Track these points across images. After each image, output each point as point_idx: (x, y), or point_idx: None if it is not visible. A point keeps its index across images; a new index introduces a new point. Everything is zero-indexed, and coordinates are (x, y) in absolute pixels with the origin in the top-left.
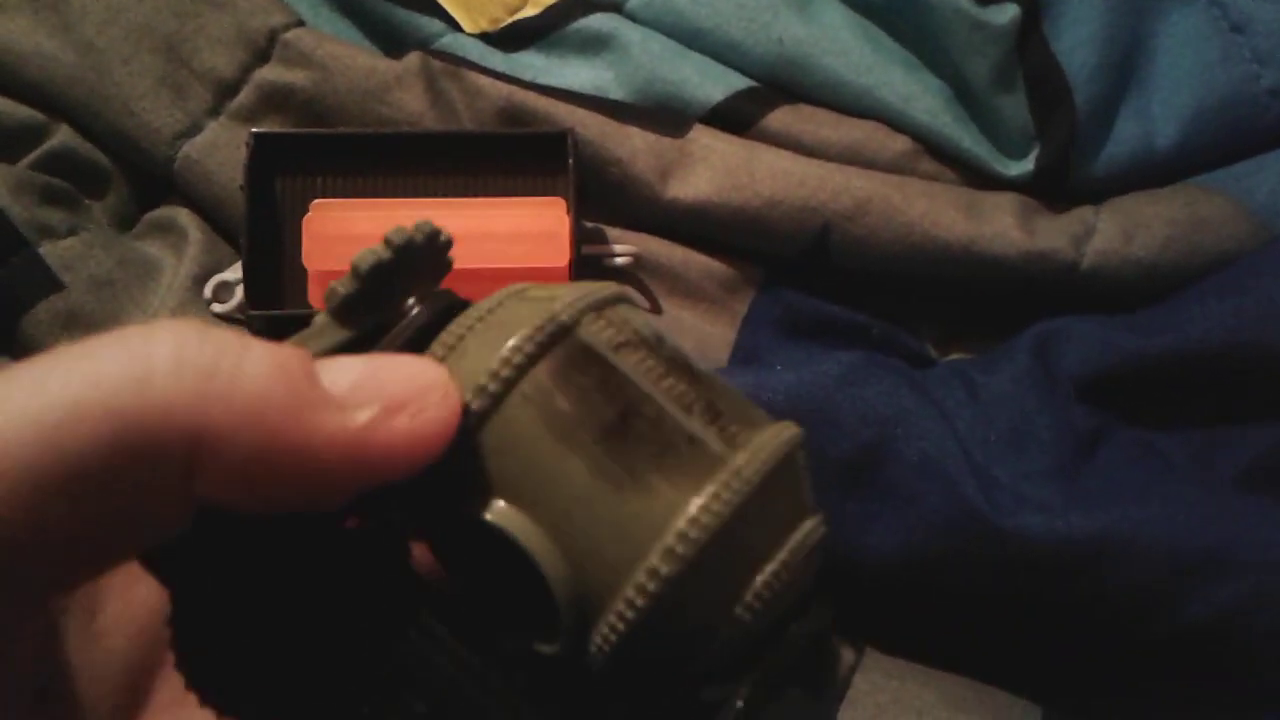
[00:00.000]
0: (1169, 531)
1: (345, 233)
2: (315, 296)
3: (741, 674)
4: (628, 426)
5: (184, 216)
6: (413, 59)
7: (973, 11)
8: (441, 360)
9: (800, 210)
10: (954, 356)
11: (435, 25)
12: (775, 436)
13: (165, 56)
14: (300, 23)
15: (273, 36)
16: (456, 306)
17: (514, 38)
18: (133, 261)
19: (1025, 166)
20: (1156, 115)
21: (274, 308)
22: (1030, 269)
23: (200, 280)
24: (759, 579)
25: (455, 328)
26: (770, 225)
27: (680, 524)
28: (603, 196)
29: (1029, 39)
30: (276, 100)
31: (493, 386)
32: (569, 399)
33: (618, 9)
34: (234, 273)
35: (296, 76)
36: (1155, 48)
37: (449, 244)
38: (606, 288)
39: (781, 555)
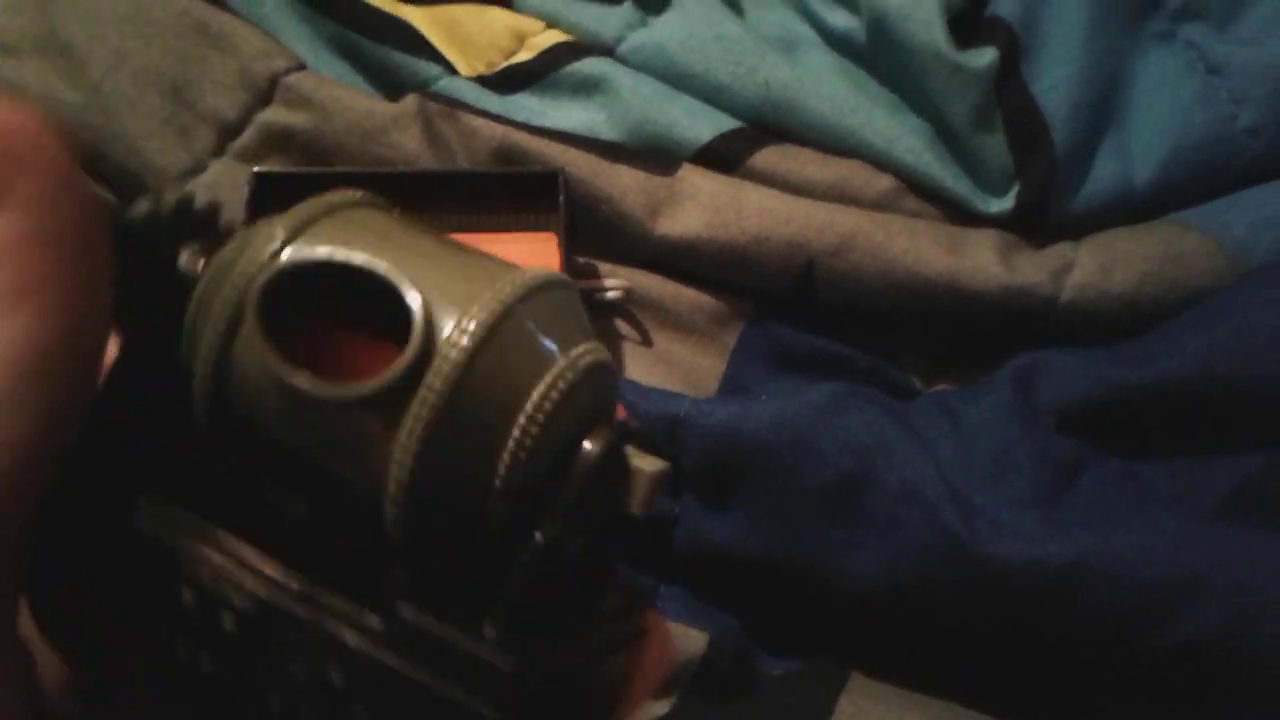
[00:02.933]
0: (1147, 558)
1: None
2: None
3: (533, 506)
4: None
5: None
6: (410, 101)
7: (952, 56)
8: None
9: (786, 246)
10: (939, 388)
11: (432, 69)
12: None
13: (171, 99)
14: (301, 66)
15: (274, 80)
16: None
17: (509, 81)
18: None
19: (1006, 204)
20: (1135, 154)
21: None
22: (1011, 303)
23: None
24: (547, 379)
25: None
26: (757, 261)
27: (514, 276)
28: (594, 233)
29: (1008, 81)
30: (278, 141)
31: (304, 212)
32: (396, 216)
33: (609, 53)
34: None
35: (297, 118)
36: (1133, 88)
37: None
38: (322, 202)
39: (574, 355)
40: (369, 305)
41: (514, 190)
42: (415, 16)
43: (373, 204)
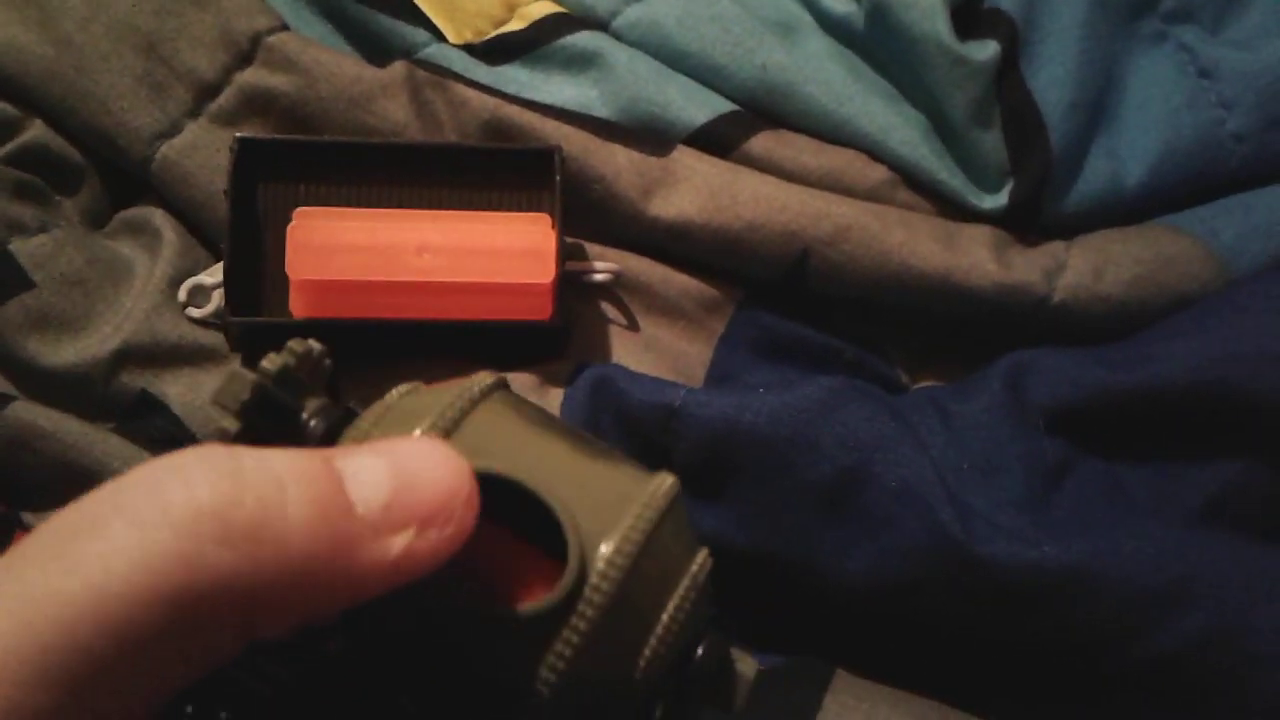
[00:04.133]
0: (1136, 564)
1: (329, 242)
2: (297, 305)
3: (663, 694)
4: (579, 435)
5: (158, 217)
6: (398, 68)
7: (954, 47)
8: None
9: (781, 234)
10: (924, 383)
11: (419, 34)
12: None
13: (145, 55)
14: (284, 26)
15: (256, 39)
16: (350, 416)
17: (498, 51)
18: (104, 261)
19: (999, 200)
20: (1125, 155)
21: (253, 314)
22: (1003, 301)
23: (175, 282)
24: (679, 592)
25: (360, 424)
26: (751, 248)
27: (648, 494)
28: (584, 213)
29: (1007, 76)
30: (258, 104)
31: (450, 414)
32: (525, 413)
33: (603, 28)
34: (210, 276)
35: (279, 81)
36: (1126, 89)
37: (326, 354)
38: (469, 391)
39: (693, 570)
40: (500, 500)
41: (507, 166)
42: None
43: (500, 387)
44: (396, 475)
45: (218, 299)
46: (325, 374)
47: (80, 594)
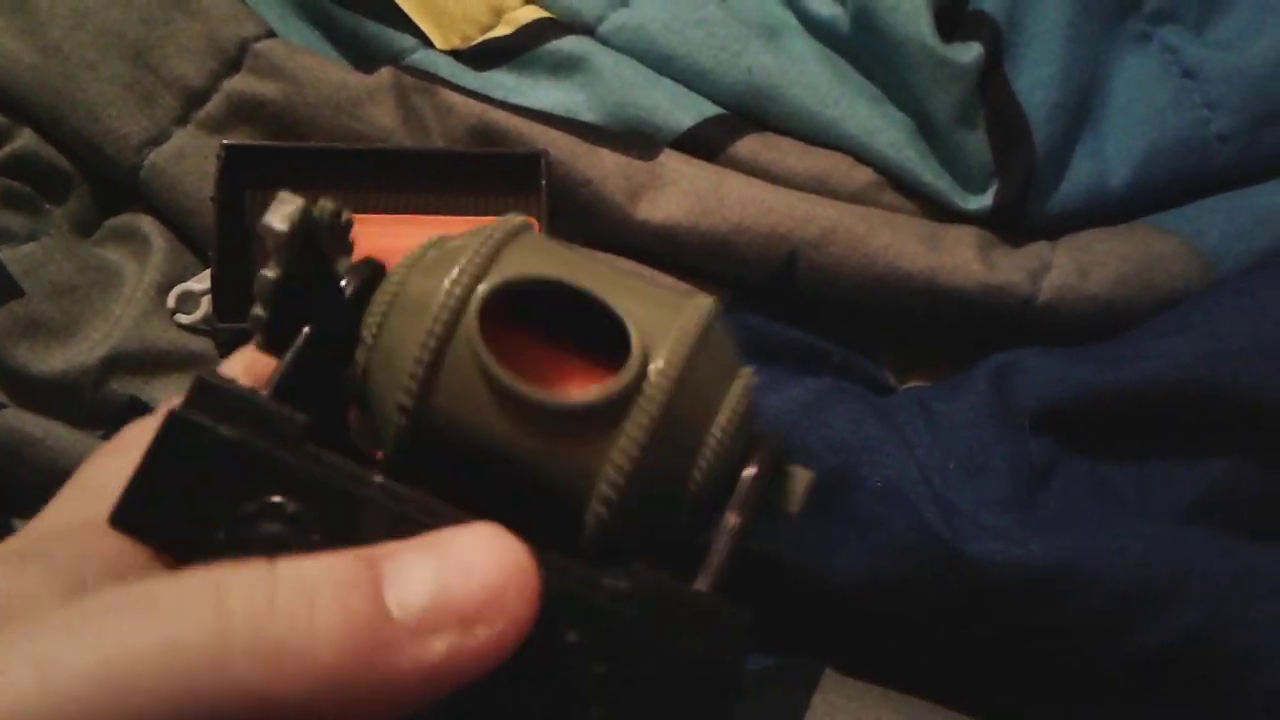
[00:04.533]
0: (1123, 561)
1: None
2: None
3: (717, 508)
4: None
5: (147, 224)
6: (385, 74)
7: (938, 49)
8: (374, 338)
9: (768, 237)
10: (912, 384)
11: (406, 40)
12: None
13: (133, 63)
14: (271, 33)
15: (244, 46)
16: (381, 272)
17: (485, 56)
18: (94, 268)
19: (984, 201)
20: (1110, 155)
21: (242, 320)
22: (989, 301)
23: (163, 289)
24: (729, 403)
25: (391, 278)
26: (738, 250)
27: (692, 306)
28: (573, 216)
29: (991, 77)
30: (246, 111)
31: (485, 249)
32: (559, 244)
33: (589, 32)
34: (198, 283)
35: (267, 88)
36: (1110, 90)
37: (352, 222)
38: (501, 228)
39: (740, 384)
40: (548, 322)
41: (493, 171)
42: None
43: (529, 227)
44: (442, 571)
45: (206, 305)
46: (349, 245)
47: (102, 675)
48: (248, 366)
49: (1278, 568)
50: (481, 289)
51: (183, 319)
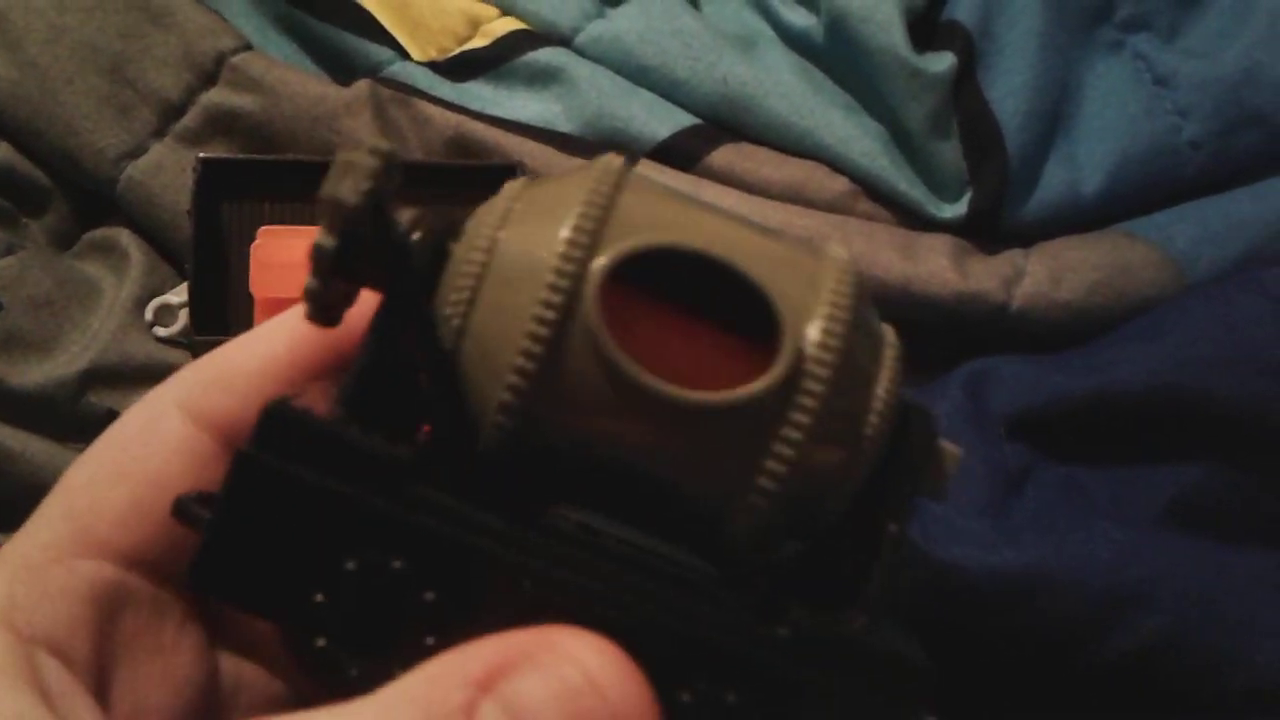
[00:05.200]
0: (1096, 567)
1: (293, 260)
2: (261, 322)
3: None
4: (734, 213)
5: (125, 237)
6: (362, 86)
7: (911, 59)
8: (468, 308)
9: None
10: None
11: (384, 53)
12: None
13: (110, 77)
14: (248, 46)
15: (220, 59)
16: (451, 225)
17: (462, 68)
18: (72, 282)
19: (959, 209)
20: (1083, 163)
21: (219, 333)
22: (963, 309)
23: (142, 302)
24: (886, 366)
25: (480, 230)
26: None
27: (837, 267)
28: None
29: (964, 87)
30: (223, 123)
31: (599, 200)
32: (673, 192)
33: (566, 44)
34: (176, 295)
35: (244, 100)
36: (1083, 97)
37: (402, 167)
38: (610, 168)
39: (891, 344)
40: (664, 281)
41: (470, 183)
42: None
43: (632, 166)
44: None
45: (184, 318)
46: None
47: None
48: (293, 347)
49: (1248, 571)
50: (602, 261)
51: (161, 332)
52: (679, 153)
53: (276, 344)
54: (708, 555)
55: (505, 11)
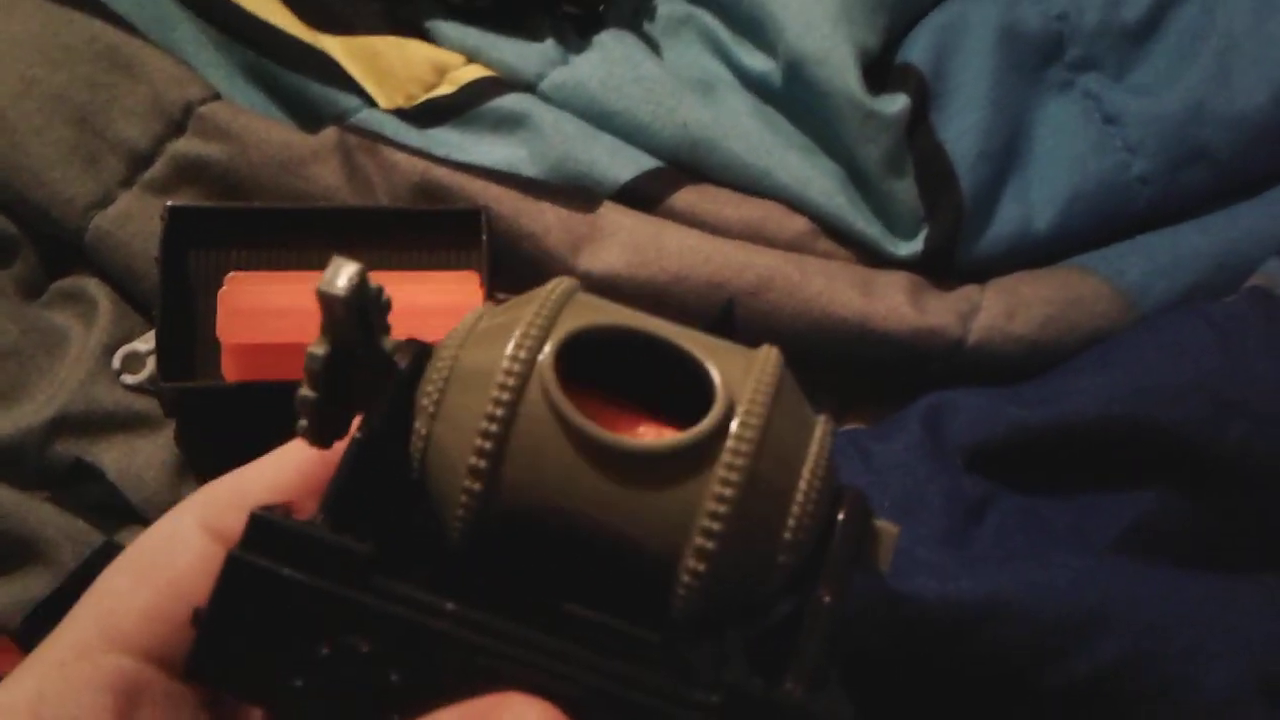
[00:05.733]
0: (1052, 594)
1: (260, 306)
2: (229, 369)
3: (808, 577)
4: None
5: (93, 286)
6: (329, 134)
7: (866, 101)
8: (433, 415)
9: (706, 285)
10: (850, 426)
11: (351, 101)
12: (767, 357)
13: (78, 127)
14: (216, 96)
15: (189, 109)
16: (428, 350)
17: (429, 115)
18: (39, 330)
19: (915, 247)
20: (1035, 199)
21: (186, 380)
22: (920, 344)
23: (110, 350)
24: (811, 452)
25: (442, 352)
26: (677, 299)
27: (762, 358)
28: (516, 270)
29: (918, 127)
30: (191, 172)
31: (543, 315)
32: (614, 304)
33: (530, 90)
34: (144, 343)
35: (212, 149)
36: (1034, 136)
37: (389, 305)
38: (556, 290)
39: (819, 434)
40: (603, 385)
41: (435, 228)
42: (333, 47)
43: (579, 287)
44: None
45: (151, 365)
46: (388, 326)
47: None
48: (300, 469)
49: (1199, 595)
50: (553, 341)
51: (128, 379)
52: (642, 195)
53: (287, 469)
54: (653, 623)
55: (471, 59)
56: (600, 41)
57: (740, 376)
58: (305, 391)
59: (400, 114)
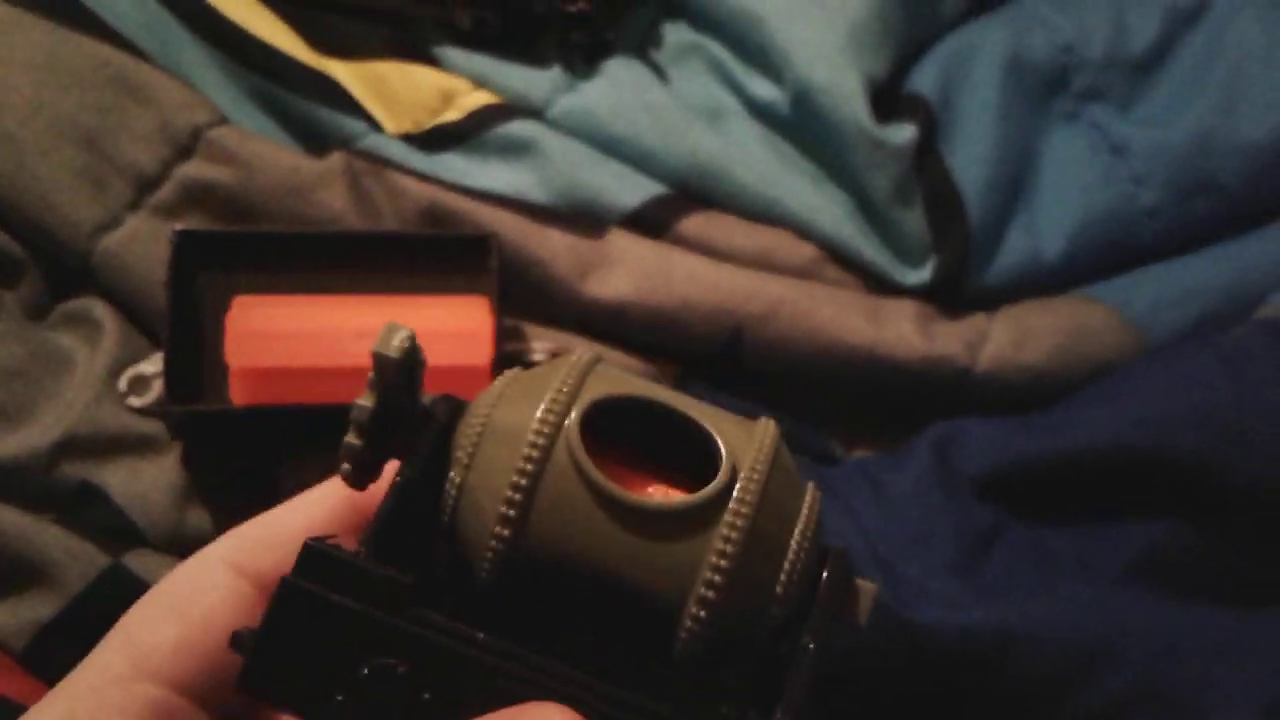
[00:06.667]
0: (1063, 625)
1: (268, 329)
2: (236, 392)
3: (797, 624)
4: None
5: (99, 308)
6: (336, 159)
7: (873, 131)
8: (467, 466)
9: (715, 312)
10: (858, 453)
11: (358, 125)
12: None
13: (87, 150)
14: (224, 120)
15: (197, 133)
16: (462, 406)
17: (436, 140)
18: (45, 353)
19: (923, 275)
20: (1043, 229)
21: (194, 403)
22: (928, 372)
23: (115, 372)
24: (803, 514)
25: (476, 410)
26: (686, 326)
27: (761, 429)
28: (524, 295)
29: (926, 157)
30: (198, 196)
31: (571, 380)
32: (631, 376)
33: (538, 117)
34: (150, 365)
35: (219, 173)
36: (1042, 166)
37: (424, 364)
38: (582, 360)
39: (809, 500)
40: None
41: (443, 253)
42: (341, 72)
43: (599, 359)
44: None
45: (158, 388)
46: (422, 383)
47: None
48: (333, 510)
49: (1204, 627)
50: (579, 406)
51: (134, 402)
52: (649, 221)
53: (317, 511)
54: (659, 661)
55: (478, 85)
56: (608, 69)
57: (742, 444)
58: (351, 439)
59: (407, 139)
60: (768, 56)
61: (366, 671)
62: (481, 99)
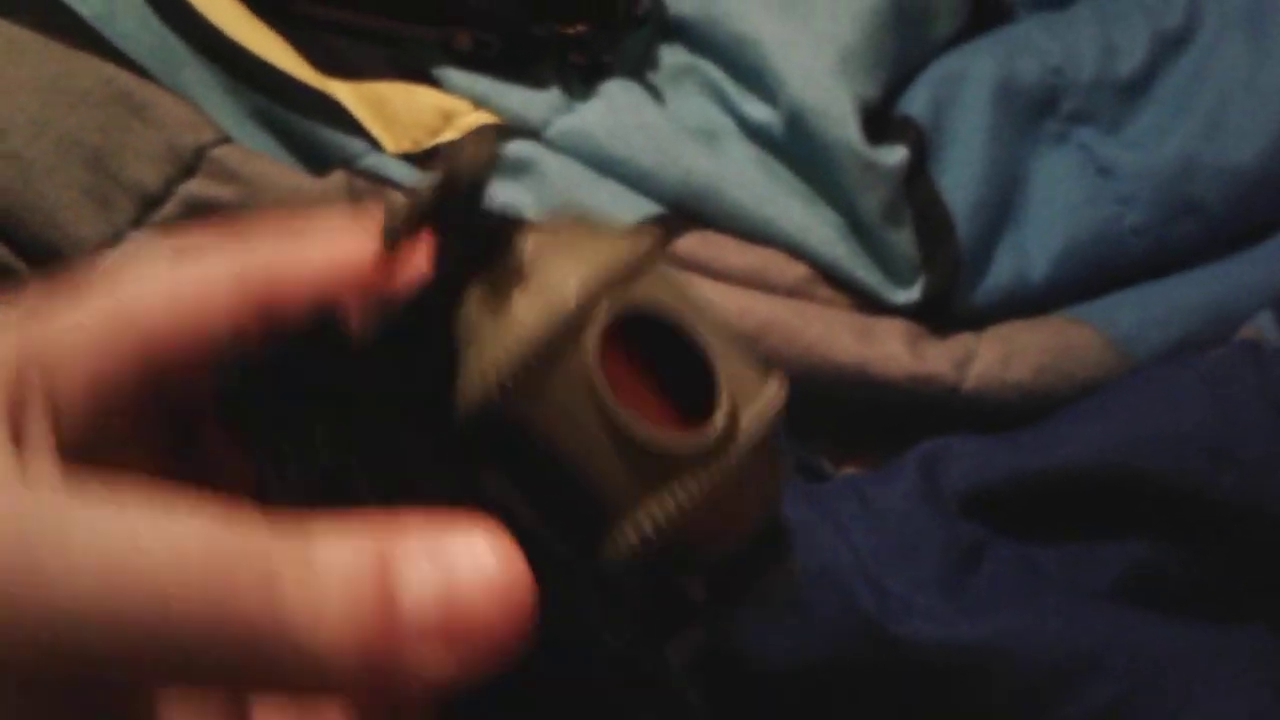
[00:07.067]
0: (1046, 639)
1: None
2: None
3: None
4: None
5: None
6: (337, 178)
7: (865, 152)
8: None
9: None
10: (848, 470)
11: (358, 145)
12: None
13: (92, 169)
14: (227, 139)
15: (200, 152)
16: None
17: (435, 160)
18: None
19: (913, 295)
20: (1031, 250)
21: None
22: (917, 390)
23: None
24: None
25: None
26: None
27: (774, 386)
28: None
29: (916, 178)
30: (201, 214)
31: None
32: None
33: (536, 137)
34: None
35: (222, 191)
36: (1030, 188)
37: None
38: (645, 243)
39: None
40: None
41: None
42: (342, 92)
43: (664, 253)
44: (450, 577)
45: None
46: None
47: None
48: (345, 263)
49: (1193, 644)
50: (611, 304)
51: None
52: None
53: (327, 263)
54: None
55: (477, 106)
56: (605, 90)
57: (746, 397)
58: (406, 213)
59: (407, 158)
60: (762, 79)
61: (320, 432)
62: (480, 119)
